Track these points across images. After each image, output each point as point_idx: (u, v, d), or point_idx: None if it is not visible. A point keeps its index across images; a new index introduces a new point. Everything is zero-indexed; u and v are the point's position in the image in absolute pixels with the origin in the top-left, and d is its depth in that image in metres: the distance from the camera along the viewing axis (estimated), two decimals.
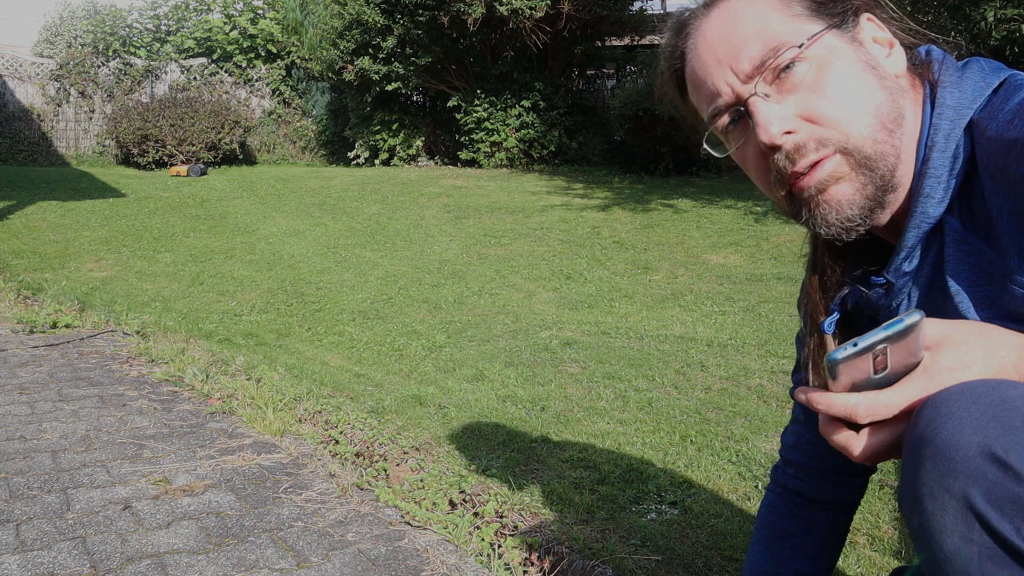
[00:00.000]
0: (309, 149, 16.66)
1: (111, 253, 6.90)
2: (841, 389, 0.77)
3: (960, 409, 0.67)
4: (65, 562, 1.60)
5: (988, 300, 0.81)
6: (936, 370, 0.74)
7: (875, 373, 0.75)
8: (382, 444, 2.40)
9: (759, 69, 0.84)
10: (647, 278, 5.75)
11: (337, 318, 4.77)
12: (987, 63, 0.87)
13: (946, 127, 0.83)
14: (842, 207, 0.84)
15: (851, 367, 0.75)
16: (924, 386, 0.74)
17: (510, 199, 9.36)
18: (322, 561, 1.64)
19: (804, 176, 0.84)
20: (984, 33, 7.21)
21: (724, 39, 0.87)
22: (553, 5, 11.51)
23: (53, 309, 4.21)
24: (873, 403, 0.75)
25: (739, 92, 0.86)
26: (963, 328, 0.76)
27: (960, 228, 0.83)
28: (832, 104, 0.82)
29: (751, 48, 0.85)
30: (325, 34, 13.60)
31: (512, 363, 3.62)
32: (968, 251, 0.83)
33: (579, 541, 1.76)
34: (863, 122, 0.82)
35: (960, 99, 0.83)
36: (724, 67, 0.87)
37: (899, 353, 0.74)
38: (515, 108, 12.60)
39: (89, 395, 2.79)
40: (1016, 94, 0.80)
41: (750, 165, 0.90)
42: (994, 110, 0.80)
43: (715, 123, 0.90)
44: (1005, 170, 0.77)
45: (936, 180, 0.82)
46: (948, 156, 0.82)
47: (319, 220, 8.50)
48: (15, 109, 15.36)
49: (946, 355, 0.74)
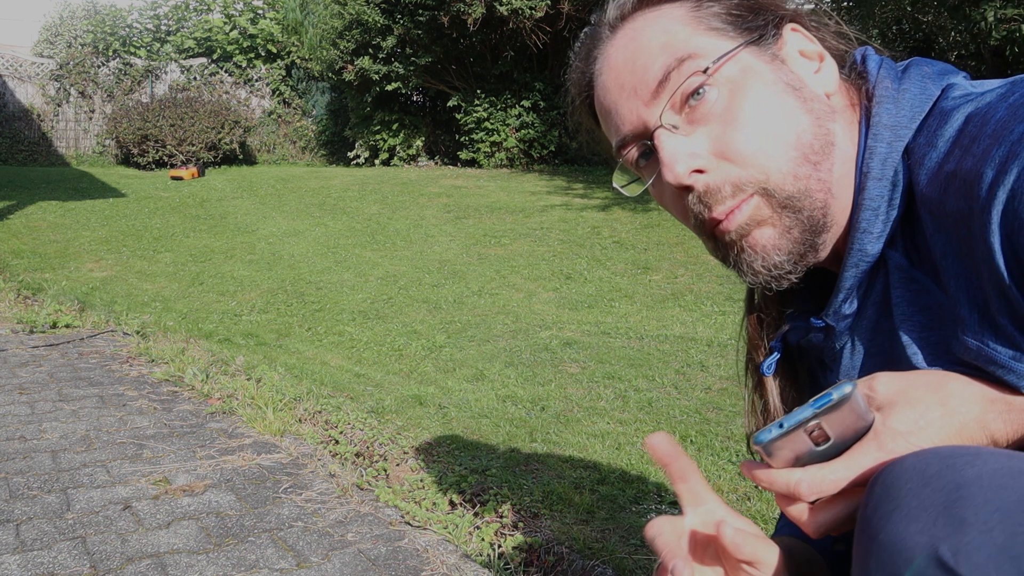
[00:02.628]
0: (309, 149, 16.66)
1: (111, 253, 6.90)
2: (782, 465, 0.69)
3: (909, 496, 0.59)
4: (65, 562, 1.60)
5: (943, 346, 0.71)
6: (888, 436, 0.66)
7: (817, 445, 0.67)
8: (382, 444, 2.40)
9: (663, 85, 0.74)
10: (647, 278, 5.75)
11: (337, 318, 4.77)
12: (929, 67, 0.76)
13: (882, 151, 0.72)
14: (768, 253, 0.75)
15: (786, 444, 0.68)
16: (875, 456, 0.66)
17: (510, 199, 9.36)
18: (322, 561, 1.64)
19: (723, 221, 0.75)
20: (984, 33, 7.21)
21: (628, 62, 0.77)
22: (553, 5, 11.51)
23: (53, 309, 4.21)
24: (818, 480, 0.67)
25: (646, 121, 0.77)
26: (918, 384, 0.68)
27: (906, 265, 0.73)
28: (747, 137, 0.72)
29: (655, 66, 0.75)
30: (325, 34, 13.60)
31: (512, 363, 3.63)
32: (917, 290, 0.73)
33: (579, 541, 1.76)
34: (783, 156, 0.72)
35: (898, 117, 0.73)
36: (628, 93, 0.77)
37: (838, 424, 0.66)
38: (515, 108, 12.60)
39: (89, 395, 2.79)
40: (950, 119, 0.69)
41: (668, 203, 0.81)
42: (930, 135, 0.70)
43: (622, 155, 0.81)
44: (943, 206, 0.67)
45: (873, 213, 0.72)
46: (886, 185, 0.72)
47: (319, 220, 8.50)
48: (15, 109, 15.36)
49: (898, 417, 0.66)
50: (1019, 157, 0.60)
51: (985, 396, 0.66)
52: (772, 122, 0.73)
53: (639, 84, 0.76)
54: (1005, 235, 0.61)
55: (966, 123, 0.67)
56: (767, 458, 0.70)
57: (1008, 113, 0.64)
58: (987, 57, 8.67)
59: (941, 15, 8.26)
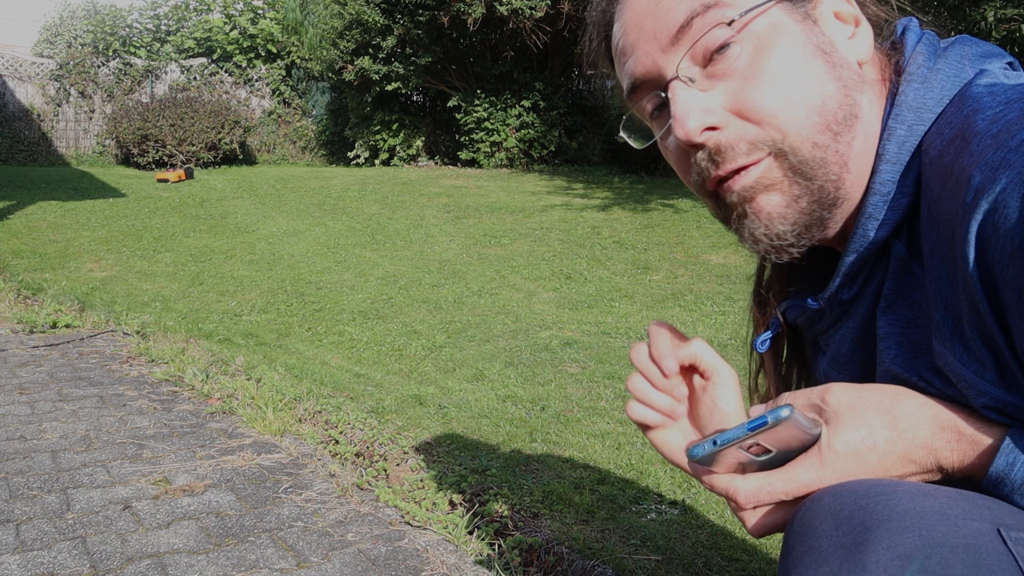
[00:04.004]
0: (309, 149, 16.66)
1: (111, 253, 6.90)
2: (726, 470, 0.69)
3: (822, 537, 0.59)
4: (65, 562, 1.60)
5: (925, 346, 0.67)
6: (830, 456, 0.65)
7: (757, 456, 0.67)
8: (382, 444, 2.40)
9: (684, 31, 0.69)
10: (647, 278, 5.75)
11: (337, 318, 4.77)
12: (972, 47, 0.71)
13: (902, 133, 0.68)
14: (772, 221, 0.71)
15: (726, 456, 0.67)
16: (815, 472, 0.65)
17: (510, 199, 9.36)
18: (322, 561, 1.64)
19: (728, 180, 0.71)
20: (984, 33, 7.21)
21: (651, 2, 0.72)
22: (553, 5, 11.51)
23: (53, 309, 4.21)
24: (756, 491, 0.67)
25: (662, 69, 0.72)
26: (870, 401, 0.66)
27: (906, 256, 0.69)
28: (768, 96, 0.68)
29: (679, 9, 0.70)
30: (325, 34, 13.60)
31: (512, 363, 3.63)
32: (911, 284, 0.69)
33: (579, 541, 1.76)
34: (804, 120, 0.68)
35: (925, 98, 0.68)
36: (647, 36, 0.72)
37: (777, 440, 0.65)
38: (515, 108, 12.60)
39: (89, 395, 2.79)
40: (964, 106, 0.65)
41: (672, 159, 0.77)
42: (944, 122, 0.66)
43: (635, 103, 0.76)
44: (939, 202, 0.63)
45: (882, 198, 0.69)
46: (898, 169, 0.68)
47: (319, 220, 8.50)
48: (15, 109, 15.36)
49: (843, 437, 0.65)
50: (1012, 167, 0.56)
51: (937, 421, 0.64)
52: (796, 83, 0.68)
53: (659, 27, 0.71)
54: (980, 248, 0.58)
55: (974, 115, 0.63)
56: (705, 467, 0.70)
57: (1019, 115, 0.59)
58: None
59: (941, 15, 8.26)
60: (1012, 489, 0.60)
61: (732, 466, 0.69)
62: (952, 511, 0.57)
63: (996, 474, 0.60)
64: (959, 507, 0.58)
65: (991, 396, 0.61)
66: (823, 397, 0.68)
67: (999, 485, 0.60)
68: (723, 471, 0.70)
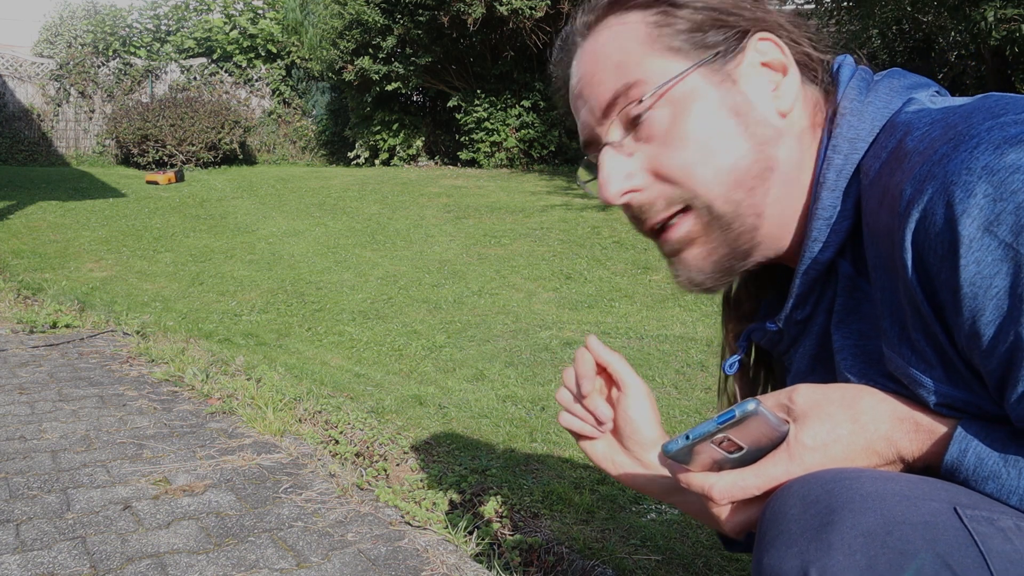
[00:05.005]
0: (309, 149, 16.66)
1: (111, 253, 6.90)
2: (701, 468, 0.73)
3: (791, 521, 0.63)
4: (65, 562, 1.60)
5: (878, 355, 0.73)
6: (798, 450, 0.69)
7: (730, 453, 0.71)
8: (382, 444, 2.40)
9: (611, 106, 0.79)
10: (647, 278, 5.75)
11: (337, 318, 4.77)
12: (900, 79, 0.78)
13: (838, 162, 0.75)
14: (691, 270, 0.81)
15: (700, 452, 0.71)
16: (785, 467, 0.69)
17: (510, 199, 9.36)
18: (322, 561, 1.64)
19: (664, 232, 0.81)
20: (984, 33, 7.21)
21: (588, 76, 0.81)
22: (553, 5, 11.51)
23: (53, 309, 4.21)
24: (729, 487, 0.71)
25: (598, 135, 0.82)
26: (833, 398, 0.71)
27: (852, 273, 0.76)
28: (681, 159, 0.76)
29: (606, 88, 0.79)
30: (325, 34, 13.60)
31: (512, 363, 3.63)
32: (860, 299, 0.75)
33: (579, 541, 1.76)
34: (713, 179, 0.76)
35: (858, 129, 0.75)
36: (587, 107, 0.82)
37: (747, 436, 0.69)
38: (515, 108, 12.60)
39: (89, 395, 2.79)
40: (896, 131, 0.71)
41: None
42: (878, 148, 0.73)
43: (588, 154, 0.86)
44: (877, 218, 0.70)
45: (824, 222, 0.75)
46: (838, 195, 0.75)
47: (319, 220, 8.50)
48: (15, 109, 15.36)
49: (809, 432, 0.69)
50: (935, 178, 0.62)
51: (895, 414, 0.69)
52: (708, 146, 0.76)
53: (593, 101, 0.81)
54: (916, 254, 0.64)
55: (905, 137, 0.69)
56: (681, 463, 0.74)
57: (941, 132, 0.65)
58: (987, 57, 8.67)
59: (941, 15, 8.25)
60: (966, 475, 0.64)
61: (707, 464, 0.73)
62: (912, 493, 0.62)
63: (951, 462, 0.65)
64: (918, 489, 0.63)
65: (940, 393, 0.66)
66: (790, 397, 0.73)
67: (955, 472, 0.65)
68: (699, 469, 0.74)
